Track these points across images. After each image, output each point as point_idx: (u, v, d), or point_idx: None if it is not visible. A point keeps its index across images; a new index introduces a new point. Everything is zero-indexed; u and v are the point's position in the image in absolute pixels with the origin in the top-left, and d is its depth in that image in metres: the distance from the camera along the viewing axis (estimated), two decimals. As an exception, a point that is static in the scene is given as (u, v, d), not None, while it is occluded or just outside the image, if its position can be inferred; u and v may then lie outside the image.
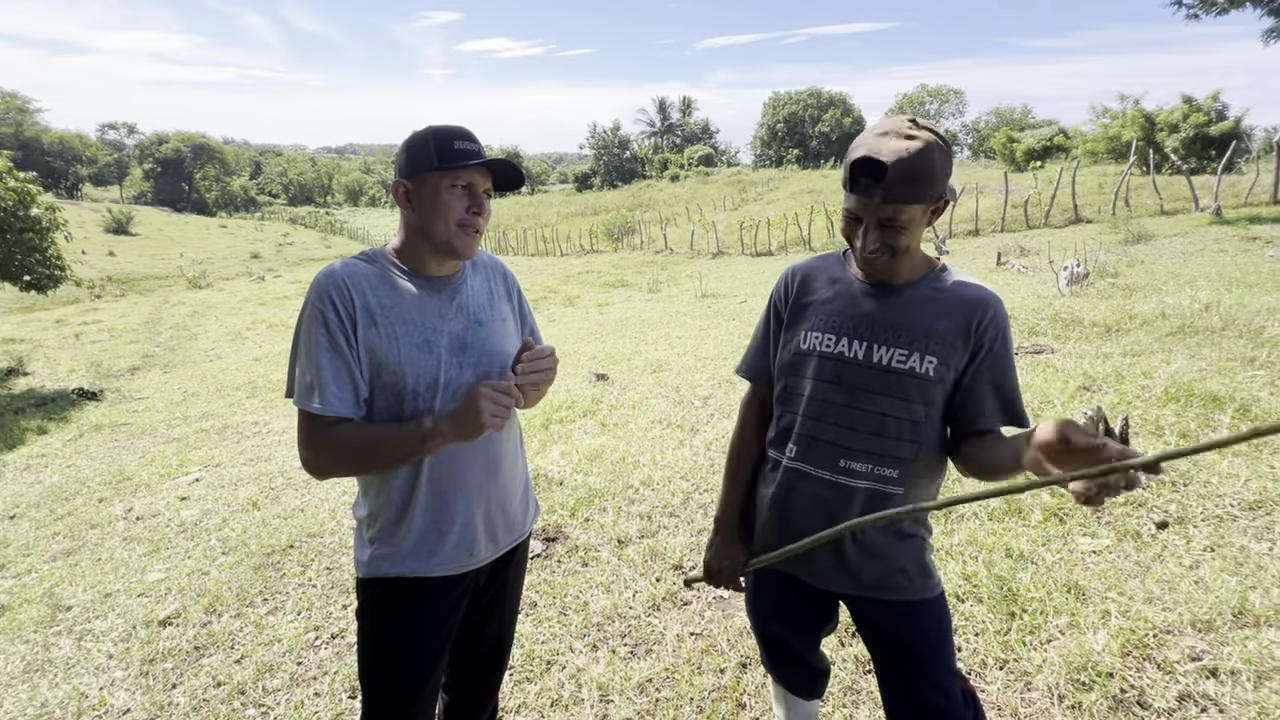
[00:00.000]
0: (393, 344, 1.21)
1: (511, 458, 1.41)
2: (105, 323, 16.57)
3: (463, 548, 1.31)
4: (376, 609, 1.32)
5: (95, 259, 32.00)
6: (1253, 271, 6.75)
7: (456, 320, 1.29)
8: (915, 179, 1.05)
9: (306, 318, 1.19)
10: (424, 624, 1.32)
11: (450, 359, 1.26)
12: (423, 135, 1.23)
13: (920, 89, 66.63)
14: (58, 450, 6.25)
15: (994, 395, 1.16)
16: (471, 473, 1.31)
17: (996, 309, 1.16)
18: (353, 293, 1.19)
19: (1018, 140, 34.93)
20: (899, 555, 1.23)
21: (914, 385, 1.16)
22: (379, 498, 1.29)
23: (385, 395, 1.23)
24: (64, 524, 4.11)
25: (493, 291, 1.39)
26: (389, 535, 1.29)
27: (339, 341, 1.17)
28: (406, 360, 1.21)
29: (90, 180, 75.80)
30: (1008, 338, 1.17)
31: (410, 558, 1.28)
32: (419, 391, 1.23)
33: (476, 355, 1.29)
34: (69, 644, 2.65)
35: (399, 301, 1.23)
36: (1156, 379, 3.85)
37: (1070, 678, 1.88)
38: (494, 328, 1.34)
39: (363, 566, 1.31)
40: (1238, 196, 15.04)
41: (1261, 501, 2.58)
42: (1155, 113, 23.05)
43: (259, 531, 3.47)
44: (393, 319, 1.21)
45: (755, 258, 21.09)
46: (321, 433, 1.19)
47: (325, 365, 1.17)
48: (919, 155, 1.04)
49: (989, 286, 1.22)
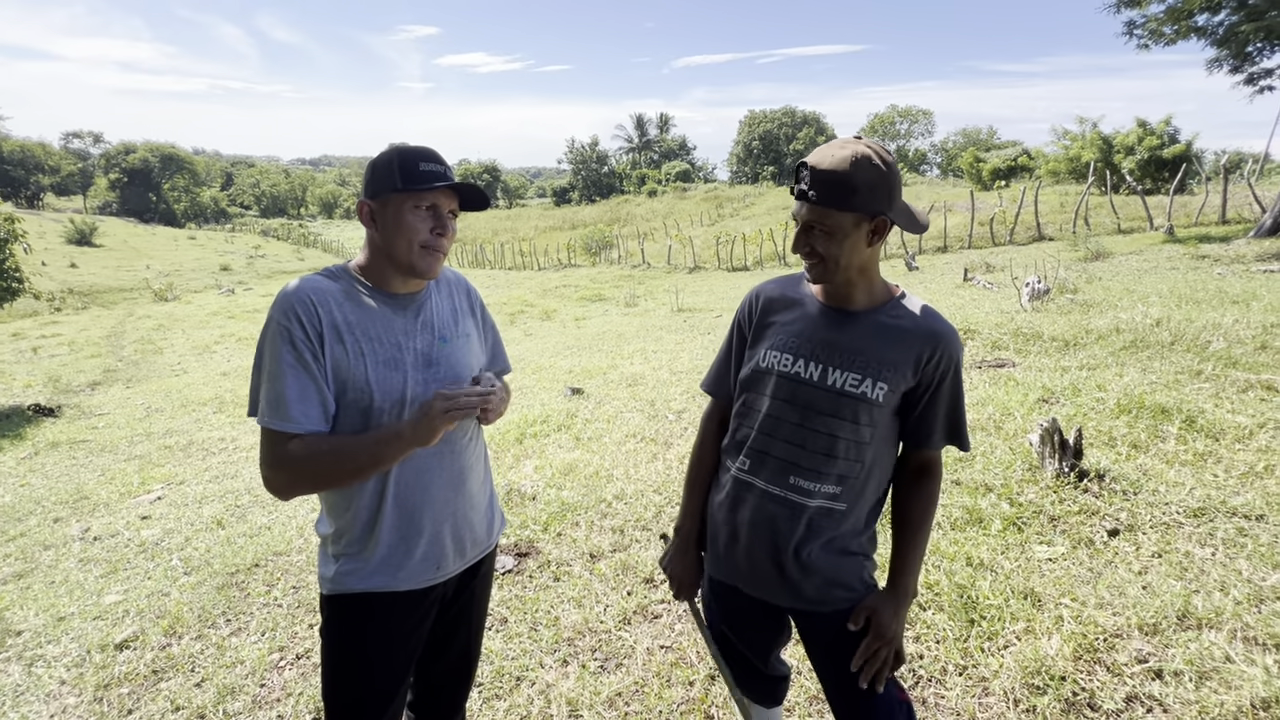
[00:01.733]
0: (359, 361, 1.21)
1: (477, 470, 1.42)
2: (65, 336, 16.02)
3: (430, 561, 1.32)
4: (342, 625, 1.31)
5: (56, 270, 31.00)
6: (1200, 288, 7.07)
7: (422, 337, 1.30)
8: (837, 184, 1.11)
9: (271, 334, 1.18)
10: (391, 639, 1.32)
11: (416, 375, 1.26)
12: (387, 156, 1.23)
13: (891, 109, 68.46)
14: (11, 469, 6.02)
15: (942, 422, 1.24)
16: (437, 486, 1.31)
17: (948, 343, 1.21)
18: (319, 309, 1.19)
19: (984, 160, 36.02)
20: (839, 572, 1.27)
21: (863, 409, 1.21)
22: (346, 513, 1.28)
23: (351, 412, 1.23)
24: (16, 545, 3.96)
25: (456, 308, 1.40)
26: (355, 551, 1.29)
27: (305, 357, 1.17)
28: (374, 377, 1.22)
29: (52, 190, 73.56)
30: (958, 369, 1.23)
31: (377, 573, 1.29)
32: (385, 408, 1.23)
33: (442, 371, 1.30)
34: (18, 670, 2.55)
35: (365, 318, 1.23)
36: (1110, 392, 4.00)
37: (1025, 682, 1.94)
38: (458, 344, 1.36)
39: (327, 583, 1.31)
40: (1189, 216, 15.74)
41: (1205, 509, 2.70)
42: (1112, 135, 24.03)
43: (223, 550, 3.39)
44: (359, 336, 1.22)
45: (731, 272, 21.34)
46: (284, 449, 1.18)
47: (291, 382, 1.16)
48: (843, 162, 1.11)
49: (956, 301, 1.29)
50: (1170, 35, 12.86)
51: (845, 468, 1.23)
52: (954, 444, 1.27)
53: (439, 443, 1.26)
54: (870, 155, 1.13)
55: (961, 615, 2.25)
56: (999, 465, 3.25)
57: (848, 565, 1.28)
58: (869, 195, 1.12)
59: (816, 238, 1.16)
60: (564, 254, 30.73)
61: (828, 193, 1.12)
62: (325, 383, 1.20)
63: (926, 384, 1.21)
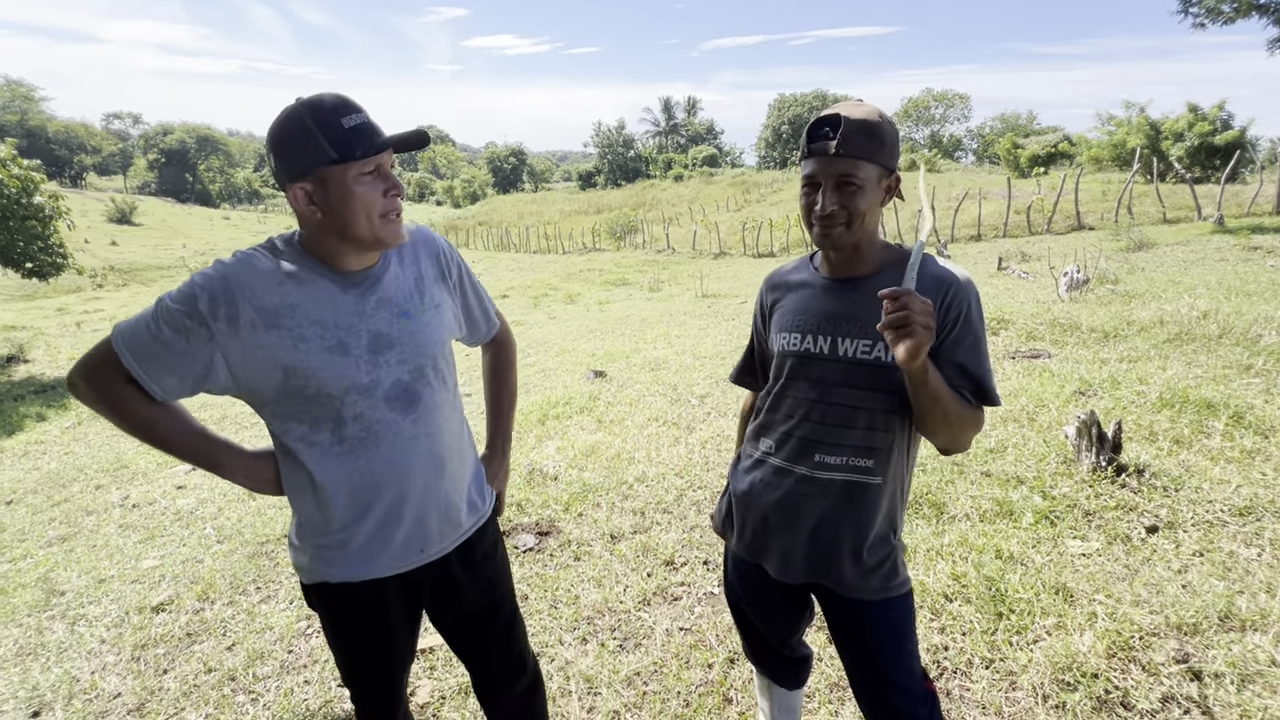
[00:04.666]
0: (300, 346, 1.10)
1: (456, 450, 1.31)
2: (107, 311, 16.59)
3: (413, 545, 1.24)
4: (327, 613, 1.28)
5: (98, 248, 32.03)
6: (1252, 280, 6.75)
7: (378, 316, 1.16)
8: (869, 133, 1.12)
9: (166, 304, 1.06)
10: (377, 625, 1.27)
11: (372, 359, 1.15)
12: (298, 123, 1.03)
13: (926, 93, 66.56)
14: (56, 438, 6.27)
15: (960, 373, 1.14)
16: (416, 474, 1.22)
17: (959, 287, 1.14)
18: (238, 299, 1.07)
19: (1022, 146, 34.84)
20: (867, 554, 1.24)
21: (880, 375, 1.16)
22: (314, 501, 1.20)
23: (296, 400, 1.13)
24: (60, 510, 4.13)
25: (421, 274, 1.25)
26: (330, 540, 1.21)
27: (177, 344, 1.06)
28: (317, 364, 1.10)
29: (94, 169, 75.89)
30: (972, 315, 1.14)
31: (354, 562, 1.21)
32: (336, 395, 1.13)
33: (404, 351, 1.18)
34: (62, 628, 2.66)
35: (307, 300, 1.11)
36: (1152, 385, 3.86)
37: (1055, 678, 1.89)
38: (424, 318, 1.22)
39: (304, 572, 1.25)
40: (1240, 206, 15.01)
41: (1252, 508, 2.59)
42: (1160, 121, 23.00)
43: (254, 520, 3.48)
44: (300, 319, 1.10)
45: (757, 258, 21.08)
46: (122, 387, 1.09)
47: (154, 354, 1.07)
48: (871, 113, 1.14)
49: (990, 291, 1.23)
50: (1229, 13, 12.22)
51: (871, 438, 1.19)
52: (981, 401, 1.16)
53: (416, 428, 1.20)
54: (885, 114, 1.16)
55: (989, 608, 2.20)
56: (1031, 457, 3.16)
57: (878, 545, 1.24)
58: (892, 149, 1.15)
59: (846, 193, 1.13)
60: (589, 238, 30.69)
61: (861, 144, 1.12)
62: (191, 372, 1.08)
63: (941, 328, 1.14)
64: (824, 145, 1.13)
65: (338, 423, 1.15)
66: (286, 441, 1.18)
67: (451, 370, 1.31)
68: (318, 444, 1.16)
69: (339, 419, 1.15)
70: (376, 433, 1.17)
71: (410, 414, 1.20)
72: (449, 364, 1.30)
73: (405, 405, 1.19)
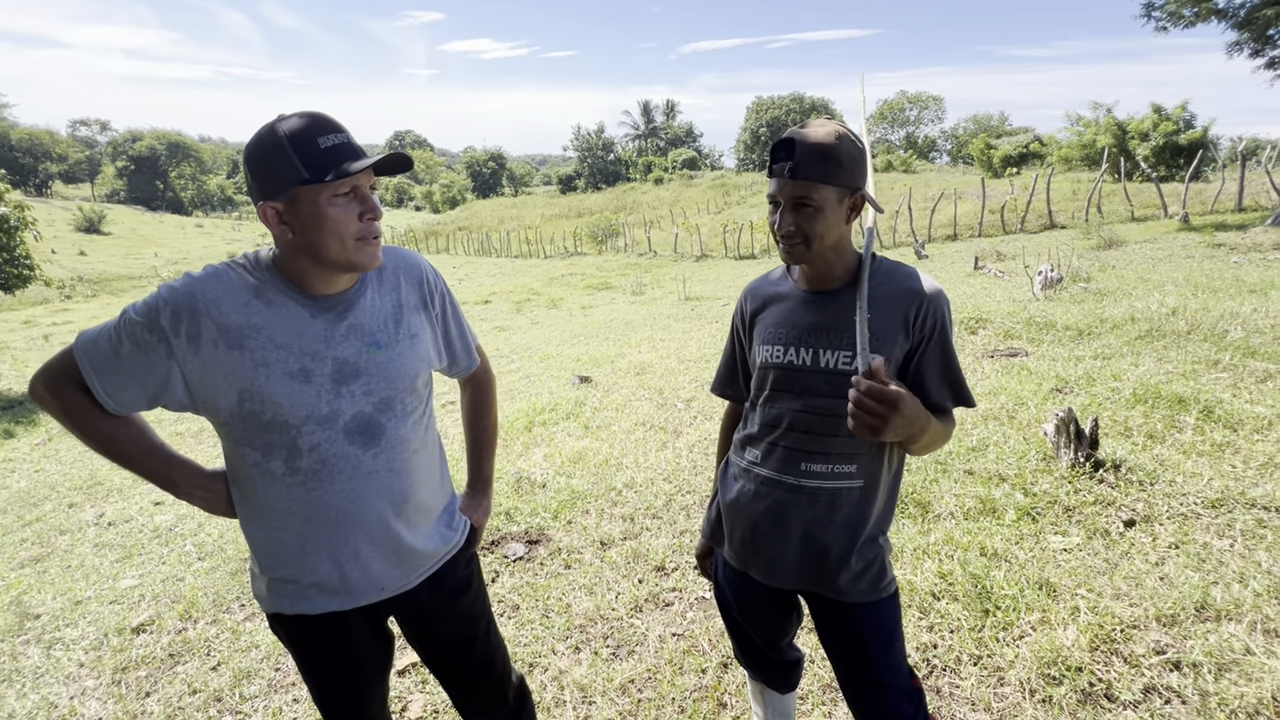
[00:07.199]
0: (261, 370, 1.06)
1: (426, 483, 1.26)
2: (76, 324, 16.17)
3: (370, 583, 1.20)
4: (289, 640, 1.25)
5: (66, 258, 31.20)
6: (1217, 277, 6.96)
7: (347, 344, 1.12)
8: (824, 155, 1.13)
9: (129, 316, 1.04)
10: (337, 654, 1.25)
11: (335, 389, 1.10)
12: (273, 140, 1.00)
13: (900, 95, 67.66)
14: (25, 454, 6.09)
15: (940, 380, 1.20)
16: (374, 509, 1.17)
17: (932, 299, 1.19)
18: (201, 316, 1.03)
19: (995, 147, 35.56)
20: (855, 559, 1.26)
21: None
22: (263, 531, 1.16)
23: (249, 425, 1.08)
24: (32, 530, 4.01)
25: (401, 303, 1.20)
26: (281, 574, 1.17)
27: (135, 357, 1.04)
28: (277, 390, 1.06)
29: (60, 178, 73.95)
30: (946, 324, 1.20)
31: (305, 597, 1.18)
32: (294, 424, 1.09)
33: (370, 382, 1.13)
34: (38, 653, 2.59)
35: (273, 322, 1.07)
36: (1125, 381, 3.96)
37: (1041, 672, 1.93)
38: (397, 349, 1.17)
39: (262, 600, 1.22)
40: (1204, 204, 15.49)
41: (1223, 500, 2.67)
42: (1127, 121, 23.65)
43: (236, 536, 3.42)
44: (264, 342, 1.06)
45: (739, 260, 21.23)
46: (80, 397, 1.07)
47: (112, 366, 1.05)
48: (829, 135, 1.15)
49: (967, 290, 1.26)
50: (1190, 17, 12.62)
51: (852, 445, 1.22)
52: (958, 403, 1.23)
53: (377, 463, 1.15)
54: (848, 133, 1.17)
55: (976, 605, 2.24)
56: (1012, 455, 3.22)
57: (865, 549, 1.26)
58: (852, 170, 1.16)
59: (803, 215, 1.15)
60: (570, 242, 30.64)
61: (816, 166, 1.13)
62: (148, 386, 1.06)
63: (917, 343, 1.19)
64: (781, 167, 1.16)
65: (292, 452, 1.10)
66: (239, 466, 1.14)
67: (427, 400, 1.27)
68: (270, 472, 1.12)
69: (294, 448, 1.10)
70: (333, 465, 1.13)
71: (371, 448, 1.15)
72: (424, 394, 1.26)
73: (366, 439, 1.15)
